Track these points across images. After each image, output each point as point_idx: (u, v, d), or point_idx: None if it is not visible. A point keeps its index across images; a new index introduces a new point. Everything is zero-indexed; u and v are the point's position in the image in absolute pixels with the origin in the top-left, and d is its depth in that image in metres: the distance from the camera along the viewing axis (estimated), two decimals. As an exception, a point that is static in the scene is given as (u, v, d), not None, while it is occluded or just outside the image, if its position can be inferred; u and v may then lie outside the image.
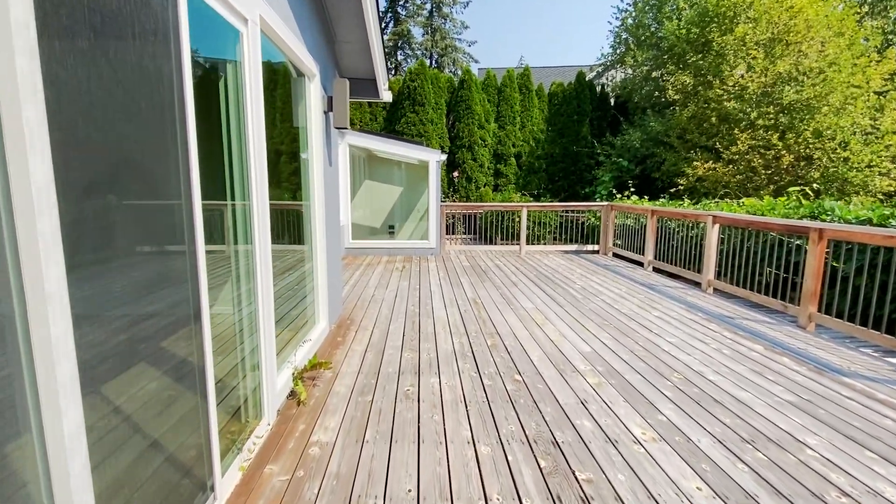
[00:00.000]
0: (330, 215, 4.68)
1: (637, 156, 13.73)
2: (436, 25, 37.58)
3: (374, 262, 8.61)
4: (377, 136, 9.00)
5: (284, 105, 3.87)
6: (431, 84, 16.36)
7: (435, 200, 9.18)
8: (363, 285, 6.71)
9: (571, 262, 8.82)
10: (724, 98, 11.46)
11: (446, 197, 16.71)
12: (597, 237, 10.31)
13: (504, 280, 7.15)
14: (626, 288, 6.68)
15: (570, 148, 16.67)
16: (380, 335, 4.61)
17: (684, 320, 5.14)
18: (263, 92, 2.84)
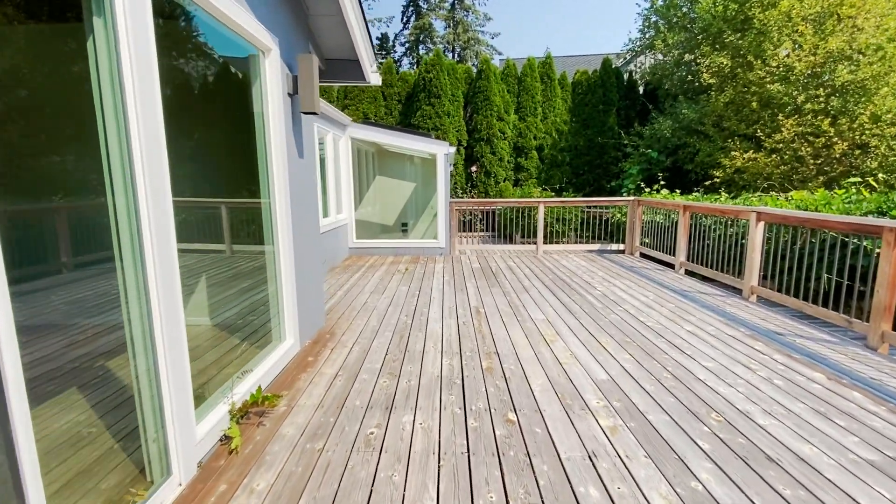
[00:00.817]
0: (301, 215, 4.04)
1: (668, 146, 12.66)
2: (458, 18, 36.79)
3: (378, 262, 7.99)
4: (382, 129, 8.36)
5: (222, 84, 3.23)
6: (448, 75, 15.63)
7: (444, 197, 8.48)
8: (358, 290, 6.08)
9: (593, 264, 7.97)
10: (767, 80, 10.31)
11: (464, 193, 15.98)
12: (622, 235, 9.42)
13: (515, 284, 6.40)
14: (653, 295, 5.83)
15: (595, 140, 15.69)
16: (359, 354, 3.95)
17: (723, 337, 4.29)
18: (192, 67, 2.21)
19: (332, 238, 7.51)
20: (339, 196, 8.25)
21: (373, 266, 7.71)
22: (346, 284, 6.40)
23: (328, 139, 7.43)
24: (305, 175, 4.17)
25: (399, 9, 47.33)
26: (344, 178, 8.34)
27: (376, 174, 11.26)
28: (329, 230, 7.34)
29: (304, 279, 4.06)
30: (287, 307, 3.76)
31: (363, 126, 8.31)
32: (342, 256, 8.24)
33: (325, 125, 7.22)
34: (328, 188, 7.52)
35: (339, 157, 8.20)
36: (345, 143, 8.28)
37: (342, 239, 8.21)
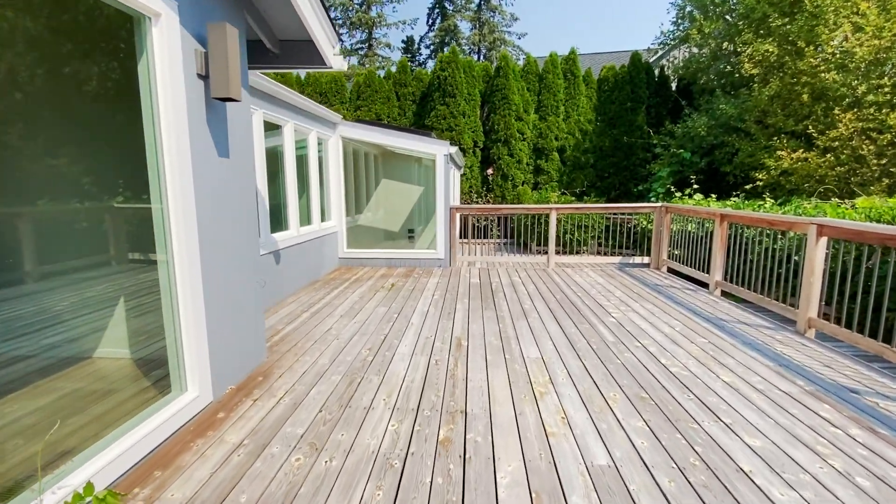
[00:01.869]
0: (222, 228, 3.16)
1: (703, 146, 11.32)
2: (484, 19, 35.86)
3: (367, 275, 7.10)
4: (376, 127, 7.49)
5: (94, 58, 2.38)
6: (464, 73, 14.68)
7: (443, 202, 7.52)
8: (327, 312, 5.19)
9: (611, 281, 6.85)
10: (821, 69, 8.92)
11: (479, 197, 14.97)
12: (649, 246, 8.24)
13: (513, 307, 5.38)
14: (681, 324, 4.71)
15: (621, 140, 14.43)
16: (285, 409, 3.03)
17: (774, 395, 3.17)
18: None
19: (312, 249, 6.67)
20: (325, 202, 7.41)
21: (359, 280, 6.82)
22: (317, 304, 5.52)
23: (310, 138, 6.59)
24: (232, 178, 3.29)
25: (425, 11, 46.67)
26: (333, 182, 7.50)
27: (381, 177, 10.41)
28: (309, 240, 6.49)
29: (223, 308, 3.18)
30: (190, 346, 2.88)
31: (355, 125, 7.46)
32: (329, 268, 7.39)
33: (306, 122, 6.38)
34: (311, 193, 6.69)
35: (328, 159, 7.37)
36: (334, 143, 7.45)
37: (330, 249, 7.37)
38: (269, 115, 5.32)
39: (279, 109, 5.54)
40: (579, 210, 7.89)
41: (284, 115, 5.71)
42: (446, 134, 14.35)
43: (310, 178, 6.65)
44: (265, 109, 5.20)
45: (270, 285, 5.39)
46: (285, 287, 5.78)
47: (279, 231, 5.74)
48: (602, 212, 7.86)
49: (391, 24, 31.16)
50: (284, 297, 5.76)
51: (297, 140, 6.40)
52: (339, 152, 7.49)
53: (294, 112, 5.94)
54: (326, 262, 7.21)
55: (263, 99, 5.15)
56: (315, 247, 6.69)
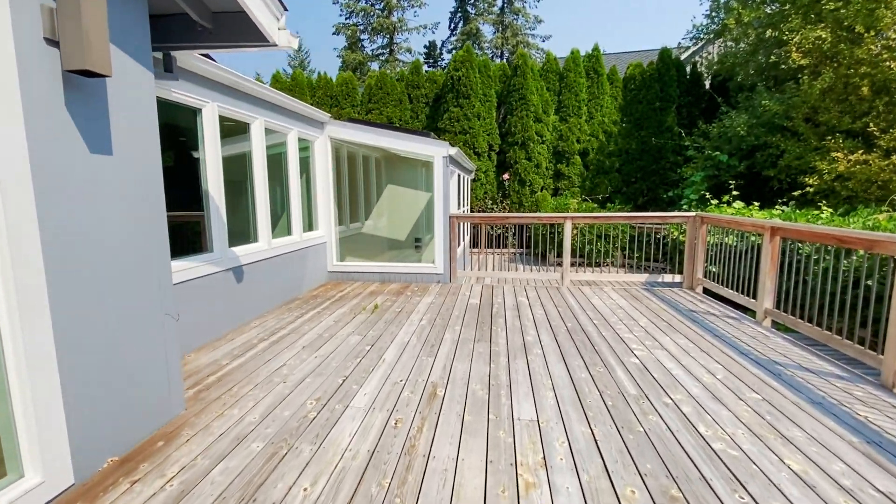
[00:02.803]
0: (96, 248, 2.34)
1: (742, 147, 10.08)
2: (507, 22, 34.98)
3: (354, 292, 6.25)
4: (366, 127, 6.65)
5: None
6: (479, 73, 13.79)
7: (442, 210, 6.62)
8: (288, 342, 4.33)
9: (636, 304, 5.79)
10: (883, 57, 7.65)
11: (495, 204, 14.01)
12: (679, 262, 7.13)
13: (513, 338, 4.41)
14: (724, 369, 3.65)
15: (649, 142, 13.28)
16: (165, 502, 2.17)
17: (868, 496, 2.13)
18: None
19: (291, 263, 5.86)
20: (311, 210, 6.62)
21: (344, 298, 5.96)
22: (282, 330, 4.67)
23: (290, 139, 5.80)
24: (116, 181, 2.47)
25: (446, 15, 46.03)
26: (321, 188, 6.70)
27: (386, 183, 9.60)
28: (285, 253, 5.68)
29: (96, 358, 2.35)
30: (29, 416, 2.05)
31: (345, 124, 6.64)
32: (314, 283, 6.57)
33: (282, 120, 5.59)
34: (290, 200, 5.89)
35: (315, 162, 6.57)
36: (322, 144, 6.64)
37: (316, 262, 6.56)
38: (227, 110, 4.54)
39: (242, 104, 4.75)
40: (598, 219, 6.84)
41: (250, 111, 4.92)
42: (460, 137, 13.47)
43: (289, 184, 5.85)
44: (221, 103, 4.41)
45: (229, 308, 4.59)
46: (250, 308, 4.97)
47: (243, 244, 4.95)
48: (625, 221, 6.81)
49: (412, 28, 30.58)
50: (248, 320, 4.95)
51: (273, 140, 5.62)
52: (329, 155, 6.69)
53: (264, 108, 5.15)
54: (311, 276, 6.40)
55: (216, 90, 4.36)
56: (294, 260, 5.88)
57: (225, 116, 4.55)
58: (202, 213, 4.36)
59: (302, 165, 6.54)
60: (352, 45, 30.12)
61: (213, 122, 4.34)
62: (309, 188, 6.60)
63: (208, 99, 4.26)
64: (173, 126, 4.17)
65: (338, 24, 29.54)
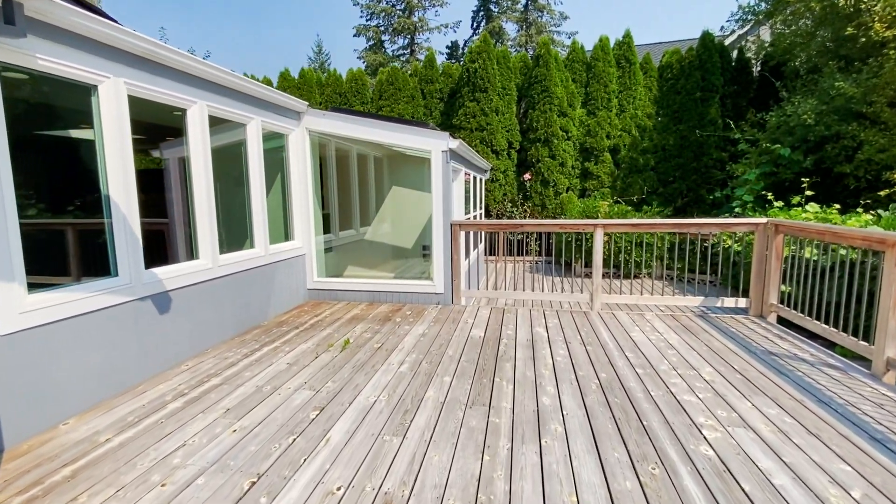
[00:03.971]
0: None
1: (809, 138, 8.39)
2: (531, 19, 33.50)
3: (332, 317, 5.02)
4: (351, 117, 5.41)
5: None
6: (498, 64, 12.45)
7: (441, 215, 5.34)
8: (213, 399, 3.12)
9: (691, 340, 4.36)
10: None
11: (515, 207, 12.61)
12: (744, 281, 5.61)
13: (522, 400, 3.08)
14: (853, 471, 2.23)
15: (690, 137, 11.67)
16: None
17: None
18: None
19: (251, 283, 4.67)
20: (286, 217, 5.43)
21: (315, 326, 4.73)
22: (212, 379, 3.46)
23: (249, 130, 4.62)
24: None
25: (469, 14, 44.70)
26: (298, 190, 5.51)
27: (390, 184, 8.38)
28: (241, 272, 4.50)
29: None
30: None
31: (327, 114, 5.43)
32: (287, 304, 5.37)
33: (237, 107, 4.42)
34: (252, 205, 4.70)
35: (290, 160, 5.38)
36: (299, 138, 5.45)
37: (290, 279, 5.36)
38: (142, 90, 3.38)
39: (167, 82, 3.58)
40: (639, 227, 5.39)
41: (183, 93, 3.75)
42: (476, 134, 12.16)
43: (251, 185, 4.67)
44: (129, 79, 3.25)
45: (145, 349, 3.42)
46: (182, 346, 3.79)
47: (174, 263, 3.78)
48: (672, 230, 5.34)
49: (433, 28, 29.46)
50: (179, 361, 3.77)
51: (223, 130, 4.46)
52: (307, 151, 5.49)
53: (206, 89, 3.98)
54: (282, 297, 5.20)
55: (121, 61, 3.19)
56: (256, 280, 4.70)
57: (140, 97, 3.39)
58: (107, 222, 3.20)
59: (274, 164, 5.37)
60: (373, 47, 29.24)
61: (118, 105, 3.18)
62: (285, 191, 5.43)
63: (107, 72, 3.10)
64: (50, 108, 3.03)
65: (358, 26, 28.71)
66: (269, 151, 5.30)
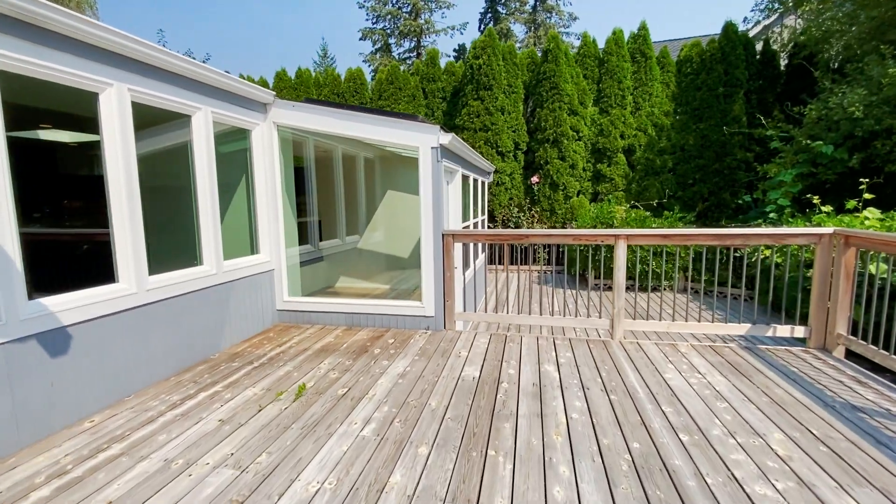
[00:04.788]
0: None
1: (856, 134, 7.35)
2: (540, 20, 32.58)
3: (299, 348, 4.14)
4: (322, 108, 4.51)
5: None
6: (504, 60, 11.55)
7: (431, 224, 4.44)
8: (97, 484, 2.24)
9: (744, 385, 3.39)
10: None
11: (522, 212, 11.67)
12: (800, 303, 4.60)
13: (525, 491, 2.15)
14: None
15: (711, 136, 10.65)
16: None
17: None
18: None
19: (199, 307, 3.81)
20: (252, 226, 4.57)
21: (276, 360, 3.84)
22: (111, 448, 2.59)
23: (195, 122, 3.76)
24: None
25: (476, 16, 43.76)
26: (265, 195, 4.64)
27: (385, 187, 7.51)
28: (183, 294, 3.64)
29: None
30: None
31: (296, 106, 4.55)
32: (249, 330, 4.50)
33: (175, 94, 3.57)
34: (199, 214, 3.84)
35: (254, 160, 4.52)
36: (265, 134, 4.59)
37: (253, 299, 4.49)
38: (28, 66, 2.54)
39: (70, 58, 2.74)
40: (668, 239, 4.40)
41: (94, 73, 2.90)
42: (480, 135, 11.25)
43: (198, 189, 3.81)
44: (7, 50, 2.41)
45: (26, 408, 2.56)
46: (88, 395, 2.92)
47: (80, 289, 2.92)
48: (711, 241, 4.33)
49: (439, 30, 28.66)
50: (80, 417, 2.89)
51: (154, 122, 3.61)
52: (275, 149, 4.62)
53: (128, 69, 3.13)
54: (244, 321, 4.33)
55: None
56: (205, 303, 3.83)
57: (25, 76, 2.55)
58: None
59: (236, 164, 4.52)
60: (378, 50, 28.54)
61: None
62: (250, 197, 4.57)
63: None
64: None
65: (364, 29, 28.02)
66: (227, 150, 4.44)
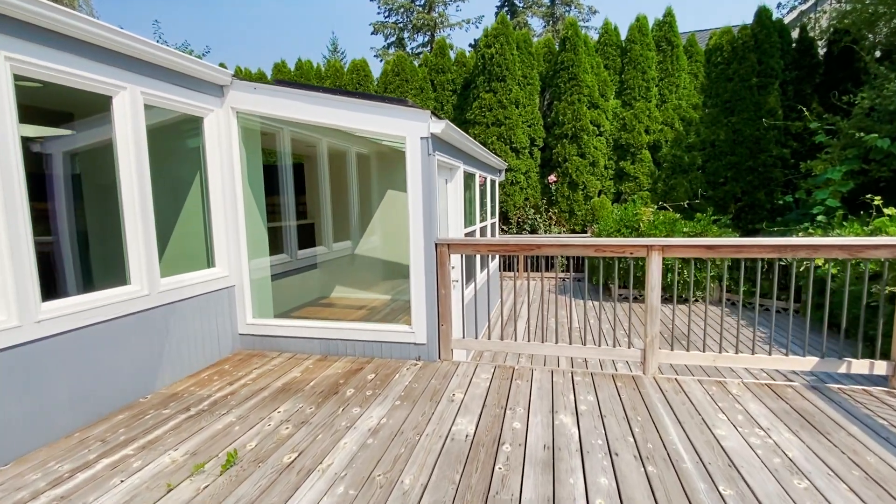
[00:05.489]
0: None
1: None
2: (558, 14, 31.41)
3: (255, 386, 3.34)
4: (291, 91, 3.68)
5: None
6: (518, 49, 10.63)
7: (421, 230, 3.59)
8: None
9: (823, 449, 2.47)
10: None
11: (538, 214, 10.74)
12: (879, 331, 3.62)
13: None
14: None
15: (744, 131, 9.61)
16: None
17: None
18: None
19: (123, 337, 3.03)
20: (208, 233, 3.79)
21: (219, 405, 3.03)
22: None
23: (117, 105, 2.96)
24: None
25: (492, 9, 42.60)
26: (220, 196, 3.85)
27: (385, 187, 6.71)
28: (106, 321, 2.87)
29: None
30: None
31: (259, 88, 3.74)
32: (202, 361, 3.71)
33: (88, 68, 2.80)
34: (125, 220, 3.06)
35: (207, 153, 3.74)
36: (221, 122, 3.79)
37: (206, 323, 3.71)
38: None
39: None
40: (715, 250, 3.44)
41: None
42: (493, 130, 10.35)
43: (122, 189, 3.03)
44: None
45: None
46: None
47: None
48: (773, 255, 3.32)
49: (454, 24, 27.74)
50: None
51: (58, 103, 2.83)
52: (236, 140, 3.82)
53: (7, 31, 2.36)
54: (192, 351, 3.55)
55: None
56: (131, 332, 3.05)
57: None
58: None
59: (191, 160, 3.75)
60: (391, 45, 27.77)
61: None
62: (205, 199, 3.78)
63: None
64: None
65: (376, 23, 27.27)
66: (175, 142, 3.67)
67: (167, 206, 3.62)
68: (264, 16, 68.23)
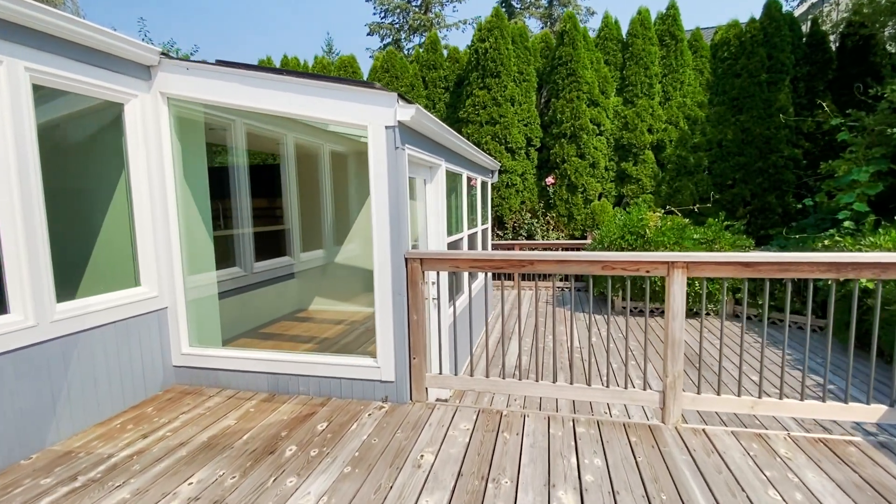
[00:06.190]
0: None
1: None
2: (556, 15, 30.75)
3: (176, 438, 2.64)
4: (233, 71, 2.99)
5: None
6: (514, 44, 9.94)
7: (386, 240, 2.89)
8: None
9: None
10: None
11: (535, 218, 10.04)
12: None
13: None
14: None
15: (753, 130, 8.92)
16: None
17: None
18: None
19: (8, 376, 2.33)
20: (132, 245, 3.08)
21: (117, 471, 2.31)
22: None
23: (4, 78, 2.28)
24: None
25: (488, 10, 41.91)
26: (144, 197, 3.13)
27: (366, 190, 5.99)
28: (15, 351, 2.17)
29: None
30: None
31: (196, 69, 3.03)
32: (121, 404, 3.00)
33: None
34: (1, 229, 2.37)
35: (128, 148, 3.03)
36: (147, 110, 3.08)
37: (124, 356, 2.99)
38: None
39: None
40: (754, 268, 2.72)
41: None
42: (486, 129, 9.65)
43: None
44: None
45: None
46: None
47: None
48: (830, 274, 2.64)
49: (451, 24, 27.07)
50: None
51: None
52: (167, 132, 3.12)
53: None
54: (102, 392, 2.83)
55: None
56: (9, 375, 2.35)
57: None
58: None
59: (113, 157, 3.04)
60: (387, 46, 27.08)
61: None
62: (130, 202, 3.07)
63: None
64: None
65: (371, 24, 26.60)
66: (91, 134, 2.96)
67: (78, 214, 2.91)
68: (259, 18, 67.29)
